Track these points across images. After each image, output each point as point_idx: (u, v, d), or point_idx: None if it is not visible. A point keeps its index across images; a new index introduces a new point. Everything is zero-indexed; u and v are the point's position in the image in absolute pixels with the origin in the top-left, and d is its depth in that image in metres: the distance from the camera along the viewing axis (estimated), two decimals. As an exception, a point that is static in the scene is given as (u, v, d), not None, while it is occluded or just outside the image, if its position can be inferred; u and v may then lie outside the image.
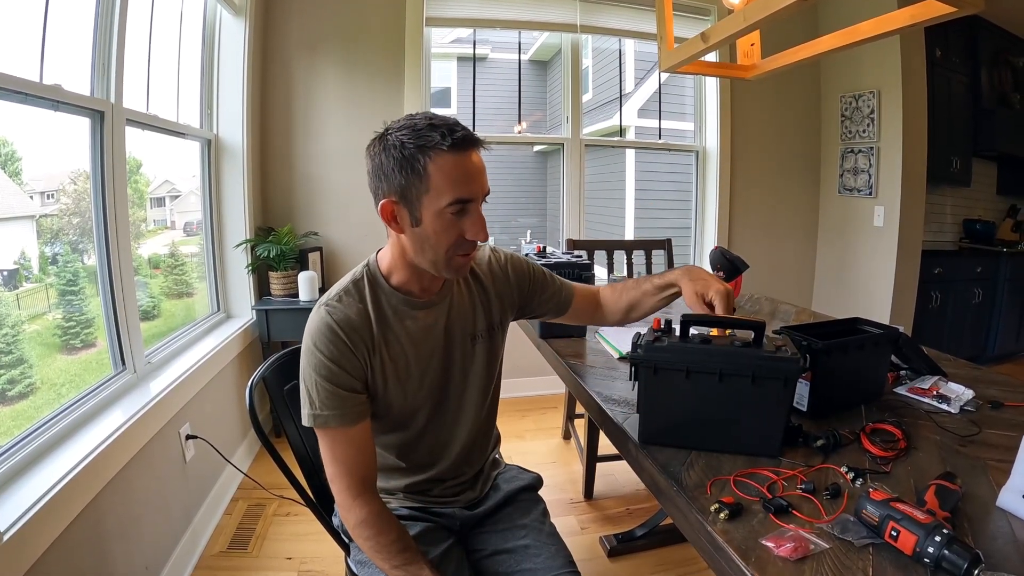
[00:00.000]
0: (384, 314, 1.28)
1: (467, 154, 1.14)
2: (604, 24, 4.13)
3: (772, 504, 1.01)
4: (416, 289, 1.30)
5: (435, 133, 1.12)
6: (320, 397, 1.19)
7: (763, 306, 2.76)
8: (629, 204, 5.34)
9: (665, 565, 2.34)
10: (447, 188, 1.12)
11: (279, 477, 1.45)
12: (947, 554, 0.81)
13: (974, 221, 5.28)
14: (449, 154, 1.12)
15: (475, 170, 1.16)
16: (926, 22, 1.50)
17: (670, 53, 1.94)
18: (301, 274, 3.34)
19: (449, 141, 1.11)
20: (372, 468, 1.25)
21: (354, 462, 1.21)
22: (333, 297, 1.26)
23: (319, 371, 1.19)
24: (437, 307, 1.33)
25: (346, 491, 1.21)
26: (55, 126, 1.94)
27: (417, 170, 1.13)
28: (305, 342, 1.23)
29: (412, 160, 1.13)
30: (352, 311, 1.24)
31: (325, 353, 1.19)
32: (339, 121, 3.69)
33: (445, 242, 1.18)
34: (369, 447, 1.25)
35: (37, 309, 1.95)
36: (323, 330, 1.21)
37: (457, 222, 1.16)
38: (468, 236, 1.18)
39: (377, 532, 1.19)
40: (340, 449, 1.21)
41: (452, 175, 1.12)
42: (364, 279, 1.29)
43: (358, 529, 1.20)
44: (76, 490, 1.55)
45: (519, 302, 1.51)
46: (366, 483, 1.22)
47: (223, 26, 3.18)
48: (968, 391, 1.55)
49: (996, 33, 4.83)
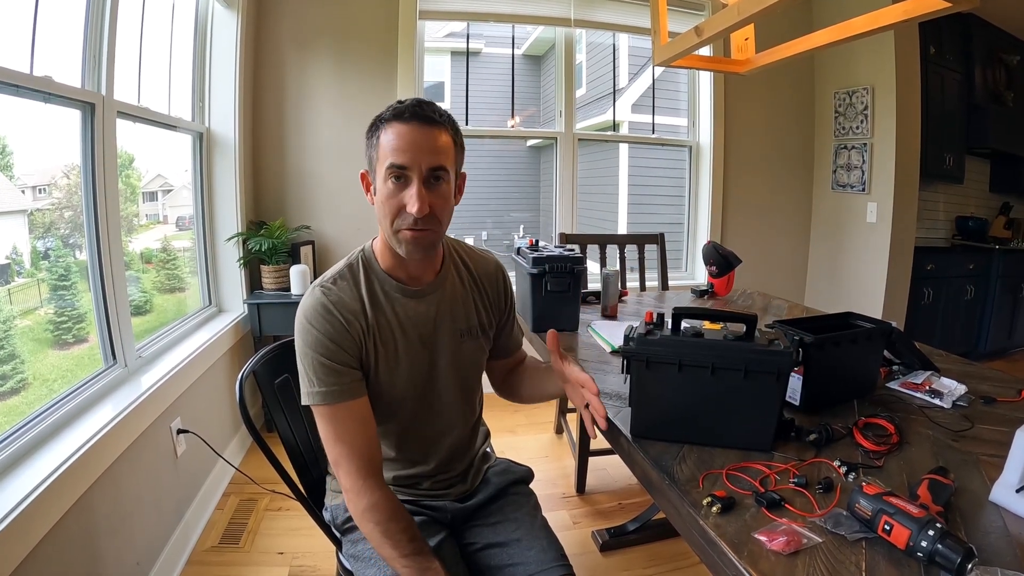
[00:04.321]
0: (377, 298, 1.29)
1: (410, 125, 1.18)
2: (598, 18, 4.12)
3: (764, 498, 1.01)
4: (404, 276, 1.32)
5: (391, 109, 1.20)
6: (318, 374, 1.20)
7: (756, 301, 2.76)
8: (622, 199, 5.33)
9: (657, 559, 2.34)
10: (387, 153, 1.18)
11: (271, 472, 1.45)
12: (940, 548, 0.81)
13: (967, 218, 5.31)
14: (396, 123, 1.18)
15: (416, 140, 1.17)
16: (920, 17, 1.50)
17: (664, 47, 1.93)
18: (293, 268, 3.33)
19: (393, 112, 1.19)
20: (377, 449, 1.24)
21: (359, 441, 1.20)
22: (328, 279, 1.28)
23: (316, 348, 1.20)
24: (428, 297, 1.34)
25: (355, 473, 1.18)
26: (46, 119, 1.92)
27: (374, 139, 1.22)
28: (299, 322, 1.23)
29: (374, 129, 1.22)
30: (346, 294, 1.26)
31: (321, 330, 1.21)
32: (332, 115, 3.67)
33: (389, 212, 1.20)
34: (372, 425, 1.24)
35: (29, 304, 1.94)
36: (318, 308, 1.22)
37: (397, 192, 1.19)
38: (408, 208, 1.18)
39: (387, 518, 1.16)
40: (343, 427, 1.20)
41: (393, 142, 1.17)
42: (359, 263, 1.32)
43: (368, 514, 1.17)
44: (66, 485, 1.53)
45: (499, 322, 1.52)
46: (373, 465, 1.21)
47: (215, 18, 3.16)
48: (961, 386, 1.55)
49: (990, 30, 4.85)
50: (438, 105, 1.23)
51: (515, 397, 1.59)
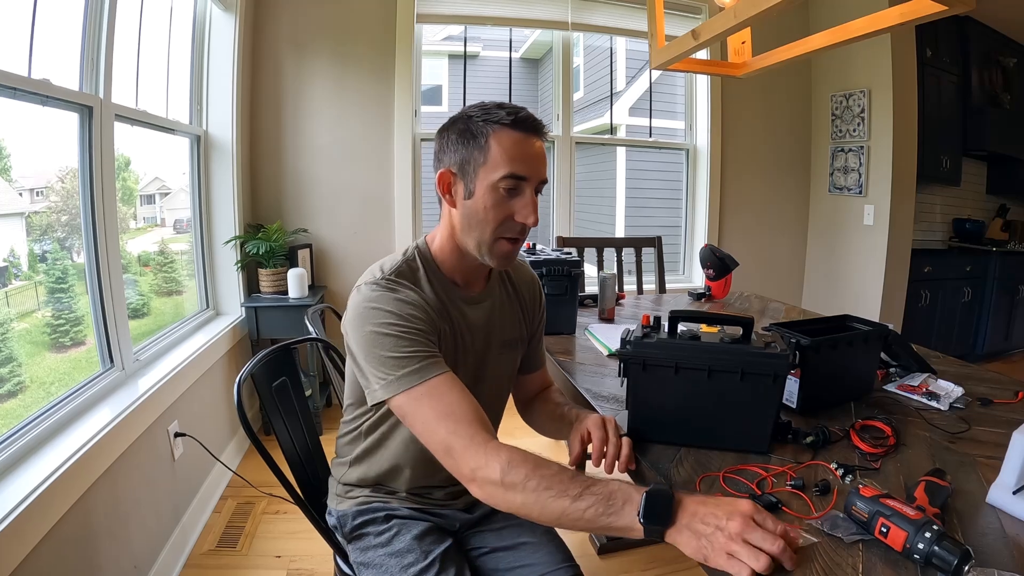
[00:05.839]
0: (441, 299, 1.24)
1: (529, 136, 1.15)
2: (595, 22, 4.13)
3: (761, 500, 1.01)
4: (460, 281, 1.29)
5: (502, 111, 1.14)
6: (408, 351, 1.08)
7: (753, 304, 2.76)
8: (619, 202, 5.34)
9: (655, 563, 2.34)
10: (503, 161, 1.13)
11: (268, 475, 1.44)
12: (937, 550, 0.81)
13: (964, 220, 5.31)
14: (511, 130, 1.13)
15: (534, 152, 1.16)
16: (916, 20, 1.50)
17: (661, 50, 1.94)
18: (291, 271, 3.33)
19: (513, 118, 1.13)
20: (482, 411, 1.09)
21: (467, 407, 1.06)
22: (387, 274, 1.18)
23: (395, 329, 1.10)
24: (481, 305, 1.32)
25: (479, 445, 1.02)
26: (44, 122, 1.93)
27: (479, 141, 1.14)
28: (363, 315, 1.12)
29: (476, 132, 1.15)
30: (409, 288, 1.18)
31: (397, 311, 1.11)
32: (329, 118, 3.67)
33: (493, 219, 1.15)
34: (468, 392, 1.10)
35: (26, 307, 1.93)
36: (385, 296, 1.13)
37: (508, 200, 1.15)
38: (517, 217, 1.16)
39: (535, 465, 0.98)
40: (447, 399, 1.06)
41: (511, 151, 1.13)
42: (417, 260, 1.25)
43: (511, 473, 0.97)
44: (63, 489, 1.53)
45: (531, 333, 1.48)
46: (488, 426, 1.06)
47: (213, 21, 3.16)
48: (958, 388, 1.55)
49: (986, 33, 4.86)
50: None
51: (535, 427, 1.52)
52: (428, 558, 1.25)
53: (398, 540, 1.29)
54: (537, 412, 1.51)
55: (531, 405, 1.54)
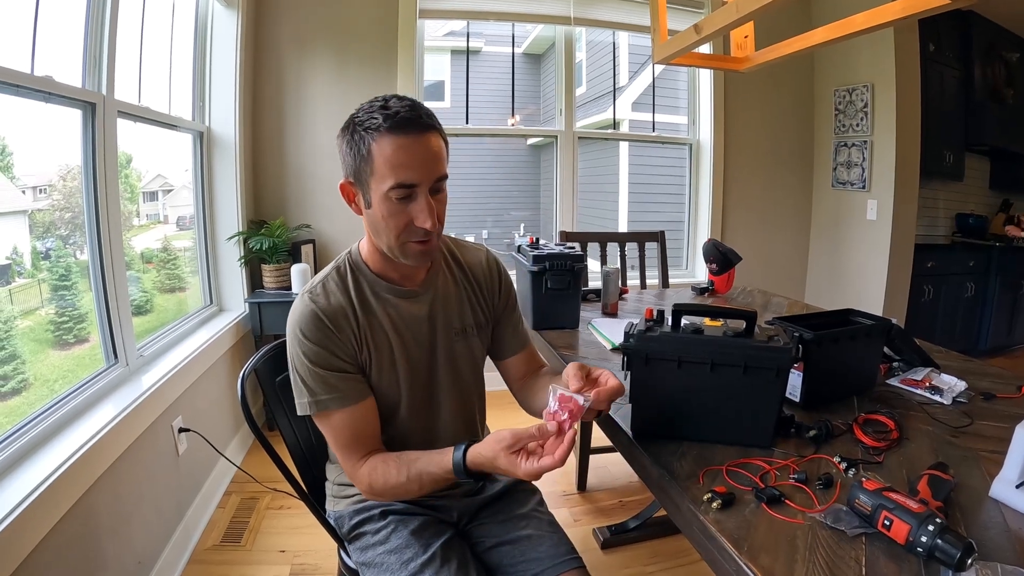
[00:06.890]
0: (367, 301, 1.27)
1: (410, 137, 1.09)
2: (598, 17, 4.13)
3: (764, 494, 1.01)
4: (396, 276, 1.29)
5: (379, 115, 1.09)
6: (315, 382, 1.19)
7: (756, 298, 2.76)
8: (623, 197, 5.33)
9: (658, 557, 2.34)
10: (388, 172, 1.09)
11: (272, 470, 1.45)
12: (940, 543, 0.82)
13: (967, 215, 5.30)
14: (391, 136, 1.09)
15: (420, 154, 1.11)
16: (919, 14, 1.50)
17: (663, 45, 1.93)
18: (294, 267, 3.33)
19: (389, 123, 1.08)
20: (363, 431, 1.24)
21: (347, 435, 1.22)
22: (316, 284, 1.25)
23: (309, 357, 1.18)
24: (421, 297, 1.32)
25: (351, 466, 1.23)
26: (47, 119, 1.93)
27: (363, 152, 1.11)
28: (291, 330, 1.21)
29: (359, 142, 1.12)
30: (335, 299, 1.23)
31: (312, 339, 1.18)
32: (331, 113, 3.67)
33: (394, 227, 1.14)
34: (373, 422, 1.26)
35: (30, 304, 1.94)
36: (307, 316, 1.19)
37: (404, 207, 1.13)
38: (416, 223, 1.14)
39: (387, 468, 1.19)
40: (332, 427, 1.22)
41: (393, 159, 1.09)
42: (346, 265, 1.29)
43: (375, 484, 1.20)
44: (67, 485, 1.53)
45: (494, 315, 1.47)
46: (361, 445, 1.23)
47: (215, 18, 3.17)
48: (961, 383, 1.56)
49: (989, 28, 4.84)
50: (419, 102, 1.16)
51: (531, 411, 1.48)
52: (428, 551, 1.24)
53: (396, 536, 1.30)
54: (527, 395, 1.50)
55: (522, 389, 1.52)
